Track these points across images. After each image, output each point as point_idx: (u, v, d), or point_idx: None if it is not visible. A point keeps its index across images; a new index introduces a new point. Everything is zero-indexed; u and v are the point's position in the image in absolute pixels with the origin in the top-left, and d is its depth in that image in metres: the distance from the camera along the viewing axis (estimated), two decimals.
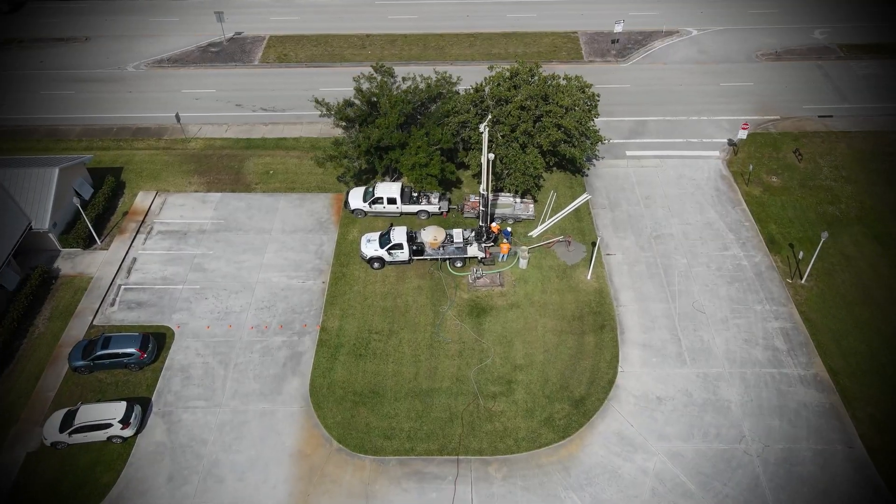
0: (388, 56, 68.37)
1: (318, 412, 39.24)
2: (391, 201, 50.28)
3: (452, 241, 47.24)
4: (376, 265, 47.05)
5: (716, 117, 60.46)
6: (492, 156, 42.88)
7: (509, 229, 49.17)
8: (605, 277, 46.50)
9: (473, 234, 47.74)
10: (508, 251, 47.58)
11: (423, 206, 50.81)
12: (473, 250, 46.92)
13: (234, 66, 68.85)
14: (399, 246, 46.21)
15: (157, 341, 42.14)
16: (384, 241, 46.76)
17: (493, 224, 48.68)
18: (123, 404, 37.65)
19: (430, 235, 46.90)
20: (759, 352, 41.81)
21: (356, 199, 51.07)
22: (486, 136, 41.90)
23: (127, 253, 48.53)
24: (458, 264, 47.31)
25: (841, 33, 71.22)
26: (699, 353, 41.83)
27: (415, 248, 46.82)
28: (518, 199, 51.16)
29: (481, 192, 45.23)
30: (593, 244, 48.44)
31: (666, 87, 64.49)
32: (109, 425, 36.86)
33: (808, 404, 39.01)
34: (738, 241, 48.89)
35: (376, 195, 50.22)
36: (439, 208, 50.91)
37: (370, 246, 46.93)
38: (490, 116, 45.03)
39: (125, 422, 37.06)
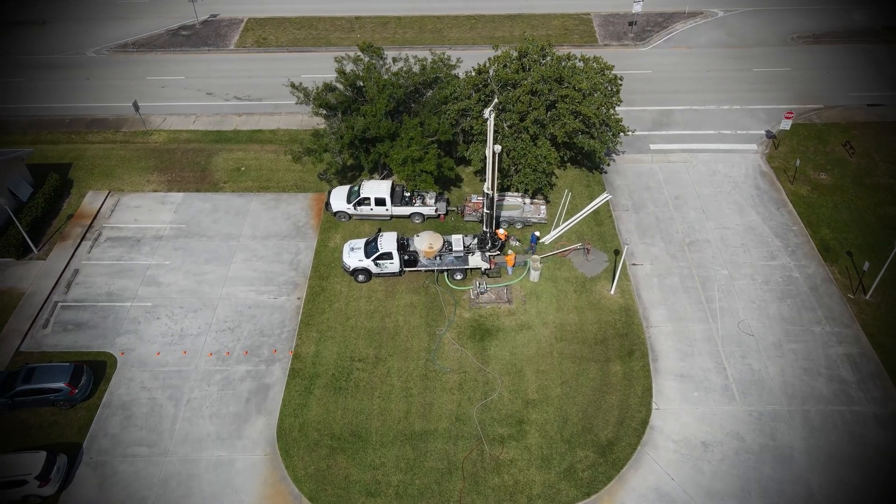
0: (380, 40, 61.10)
1: (286, 461, 32.06)
2: (380, 202, 43.18)
3: (451, 250, 40.11)
4: (361, 278, 39.88)
5: (750, 106, 53.24)
6: (498, 148, 35.62)
7: (537, 233, 41.80)
8: (631, 292, 39.30)
9: (476, 240, 40.59)
10: (515, 261, 40.44)
11: (417, 208, 43.69)
12: (476, 260, 39.77)
13: (207, 51, 61.62)
14: (388, 255, 39.11)
15: (93, 372, 34.94)
16: (371, 249, 39.63)
17: (500, 230, 41.52)
18: (43, 455, 30.43)
19: (425, 243, 39.72)
20: (823, 384, 34.58)
21: (339, 199, 43.95)
22: (491, 124, 34.65)
23: (68, 263, 41.29)
24: (458, 277, 40.14)
25: (883, 14, 63.89)
26: (750, 386, 34.59)
27: (407, 257, 39.74)
28: (528, 200, 43.99)
29: (485, 191, 38.01)
30: (616, 252, 41.42)
31: (692, 74, 57.28)
32: (24, 482, 29.64)
33: (889, 452, 31.72)
34: (787, 249, 41.67)
35: (362, 195, 43.12)
36: (436, 210, 43.79)
37: (354, 255, 39.79)
38: (496, 100, 37.85)
39: (44, 478, 29.84)
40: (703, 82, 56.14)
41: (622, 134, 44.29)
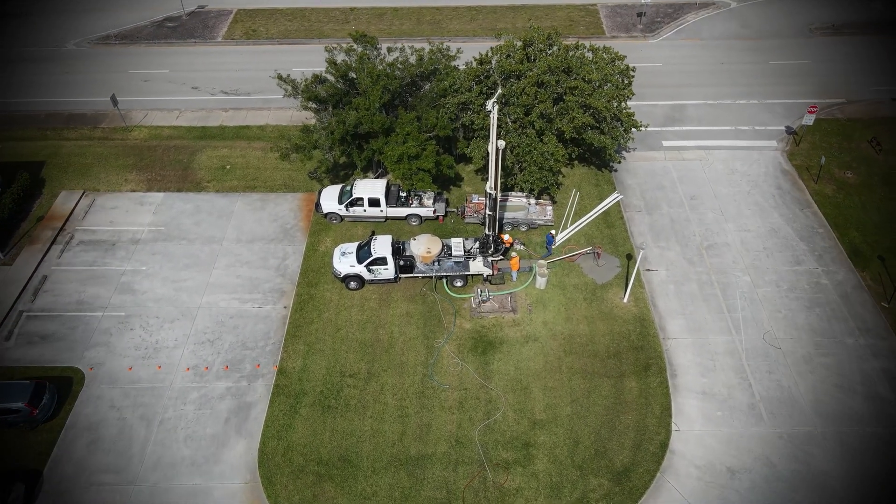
0: (376, 32, 57.92)
1: (267, 490, 29.00)
2: (373, 203, 40.14)
3: (451, 254, 37.07)
4: (353, 285, 36.82)
5: (768, 101, 50.16)
6: (501, 144, 32.49)
7: (552, 233, 38.78)
8: (646, 300, 36.24)
9: (478, 244, 37.53)
10: (519, 266, 37.40)
11: (414, 210, 40.68)
12: (478, 266, 36.71)
13: (194, 44, 58.53)
14: (382, 260, 36.06)
15: (57, 390, 31.82)
16: (363, 254, 36.56)
17: (506, 236, 38.44)
18: None
19: (423, 247, 36.73)
20: (859, 403, 31.51)
21: (330, 200, 40.90)
22: (494, 118, 31.54)
23: (36, 269, 38.22)
24: (459, 284, 37.10)
25: None
26: (779, 405, 31.52)
27: (402, 262, 36.70)
28: (533, 200, 40.94)
29: (487, 190, 34.93)
30: (629, 257, 38.39)
31: (705, 67, 54.21)
32: None
33: None
34: (813, 253, 38.62)
35: (355, 195, 40.09)
36: (434, 212, 40.80)
37: (345, 261, 36.73)
38: (500, 92, 34.76)
39: None
40: (718, 76, 53.09)
41: (634, 129, 41.21)
